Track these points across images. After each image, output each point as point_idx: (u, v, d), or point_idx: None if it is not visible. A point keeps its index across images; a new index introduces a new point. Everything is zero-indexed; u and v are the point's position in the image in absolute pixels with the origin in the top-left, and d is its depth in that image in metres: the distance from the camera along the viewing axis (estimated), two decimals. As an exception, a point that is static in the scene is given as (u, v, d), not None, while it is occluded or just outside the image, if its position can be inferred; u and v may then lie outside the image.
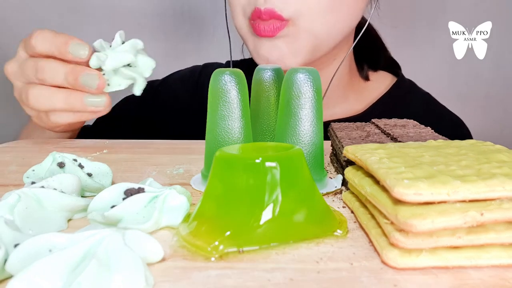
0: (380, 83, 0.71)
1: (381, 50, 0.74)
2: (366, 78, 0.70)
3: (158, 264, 0.24)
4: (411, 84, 0.73)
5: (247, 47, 0.62)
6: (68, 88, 0.47)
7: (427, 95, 0.73)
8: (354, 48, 0.69)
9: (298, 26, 0.55)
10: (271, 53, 0.56)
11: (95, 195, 0.30)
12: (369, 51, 0.72)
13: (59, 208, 0.29)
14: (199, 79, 0.75)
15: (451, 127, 0.68)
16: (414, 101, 0.70)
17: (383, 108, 0.67)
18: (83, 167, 0.36)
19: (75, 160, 0.36)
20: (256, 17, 0.54)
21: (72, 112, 0.48)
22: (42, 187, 0.30)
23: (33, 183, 0.32)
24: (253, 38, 0.58)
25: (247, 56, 0.76)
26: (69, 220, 0.30)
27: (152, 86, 0.75)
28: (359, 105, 0.68)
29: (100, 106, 0.47)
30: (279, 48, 0.56)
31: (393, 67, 0.74)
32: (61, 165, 0.35)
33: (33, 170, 0.36)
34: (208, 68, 0.76)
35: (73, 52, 0.46)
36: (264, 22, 0.54)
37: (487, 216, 0.22)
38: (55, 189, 0.30)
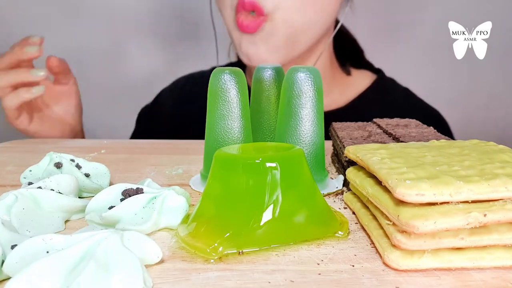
0: (363, 80, 0.75)
1: (360, 53, 0.78)
2: (348, 73, 0.74)
3: (156, 266, 0.23)
4: (391, 81, 0.77)
5: (233, 42, 0.63)
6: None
7: (406, 90, 0.76)
8: (335, 51, 0.72)
9: (275, 21, 0.57)
10: (250, 49, 0.59)
11: (93, 196, 0.30)
12: (350, 53, 0.76)
13: (56, 209, 0.29)
14: None
15: (428, 118, 0.71)
16: (394, 95, 0.74)
17: (365, 101, 0.70)
18: (80, 167, 0.36)
19: (72, 160, 0.36)
20: (241, 8, 0.57)
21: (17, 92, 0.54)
22: (39, 187, 0.29)
23: (30, 183, 0.32)
24: (238, 34, 0.61)
25: (233, 59, 0.78)
26: (67, 221, 0.30)
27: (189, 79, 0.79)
28: (343, 99, 0.71)
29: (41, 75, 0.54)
30: (257, 44, 0.59)
31: (373, 68, 0.78)
32: (58, 165, 0.35)
33: (30, 171, 0.35)
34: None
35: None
36: (246, 18, 0.57)
37: (490, 217, 0.22)
38: (52, 189, 0.29)
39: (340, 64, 0.74)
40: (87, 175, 0.35)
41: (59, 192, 0.30)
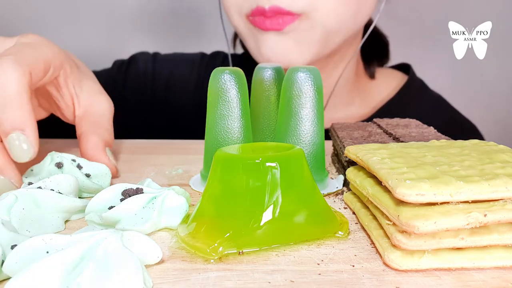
0: (388, 83, 0.67)
1: (386, 45, 0.70)
2: (372, 76, 0.66)
3: (156, 266, 0.23)
4: (421, 86, 0.68)
5: (246, 46, 0.59)
6: None
7: (439, 99, 0.68)
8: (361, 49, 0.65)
9: (313, 20, 0.51)
10: (275, 50, 0.52)
11: (93, 196, 0.30)
12: (375, 47, 0.68)
13: (56, 209, 0.29)
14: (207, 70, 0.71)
15: (464, 135, 0.65)
16: (424, 106, 0.65)
17: (389, 113, 0.61)
18: (81, 167, 0.36)
19: (73, 160, 0.36)
20: (259, 15, 0.51)
21: None
22: (39, 187, 0.29)
23: (30, 183, 0.32)
24: (254, 35, 0.54)
25: (239, 52, 0.74)
26: (67, 221, 0.30)
27: (155, 57, 0.72)
28: (365, 109, 0.65)
29: None
30: (285, 44, 0.52)
31: (402, 65, 0.71)
32: (59, 165, 0.35)
33: (32, 170, 0.35)
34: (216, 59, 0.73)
35: None
36: (269, 18, 0.50)
37: (490, 217, 0.22)
38: (52, 190, 0.29)
39: (365, 65, 0.67)
40: (87, 176, 0.35)
41: (59, 192, 0.30)
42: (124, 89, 0.70)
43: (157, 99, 0.70)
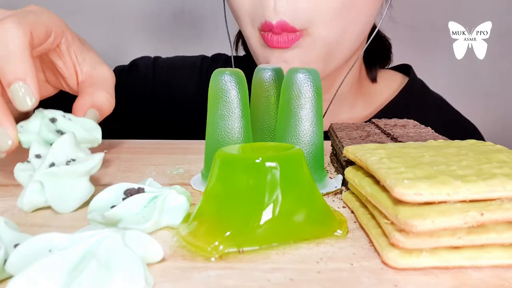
0: (389, 85, 0.67)
1: (389, 48, 0.70)
2: (374, 80, 0.67)
3: (157, 265, 0.24)
4: (422, 87, 0.68)
5: (255, 58, 0.59)
6: None
7: (439, 100, 0.68)
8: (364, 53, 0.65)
9: (313, 35, 0.52)
10: (283, 67, 0.52)
11: (90, 147, 0.32)
12: (378, 50, 0.68)
13: (78, 176, 0.31)
14: (207, 72, 0.72)
15: (465, 135, 0.64)
16: (425, 108, 0.65)
17: (391, 115, 0.61)
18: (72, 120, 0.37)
19: (63, 116, 0.37)
20: (268, 30, 0.52)
21: None
22: (53, 164, 0.31)
23: (37, 155, 0.32)
24: (263, 50, 0.55)
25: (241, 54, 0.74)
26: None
27: (156, 61, 0.74)
28: (367, 110, 0.65)
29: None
30: (290, 61, 0.53)
31: (402, 66, 0.71)
32: (53, 120, 0.36)
33: (21, 126, 0.35)
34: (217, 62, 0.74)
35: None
36: (276, 35, 0.52)
37: (487, 216, 0.22)
38: (68, 162, 0.31)
39: (367, 69, 0.67)
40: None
41: (72, 159, 0.31)
42: (126, 93, 0.71)
43: (158, 101, 0.71)
